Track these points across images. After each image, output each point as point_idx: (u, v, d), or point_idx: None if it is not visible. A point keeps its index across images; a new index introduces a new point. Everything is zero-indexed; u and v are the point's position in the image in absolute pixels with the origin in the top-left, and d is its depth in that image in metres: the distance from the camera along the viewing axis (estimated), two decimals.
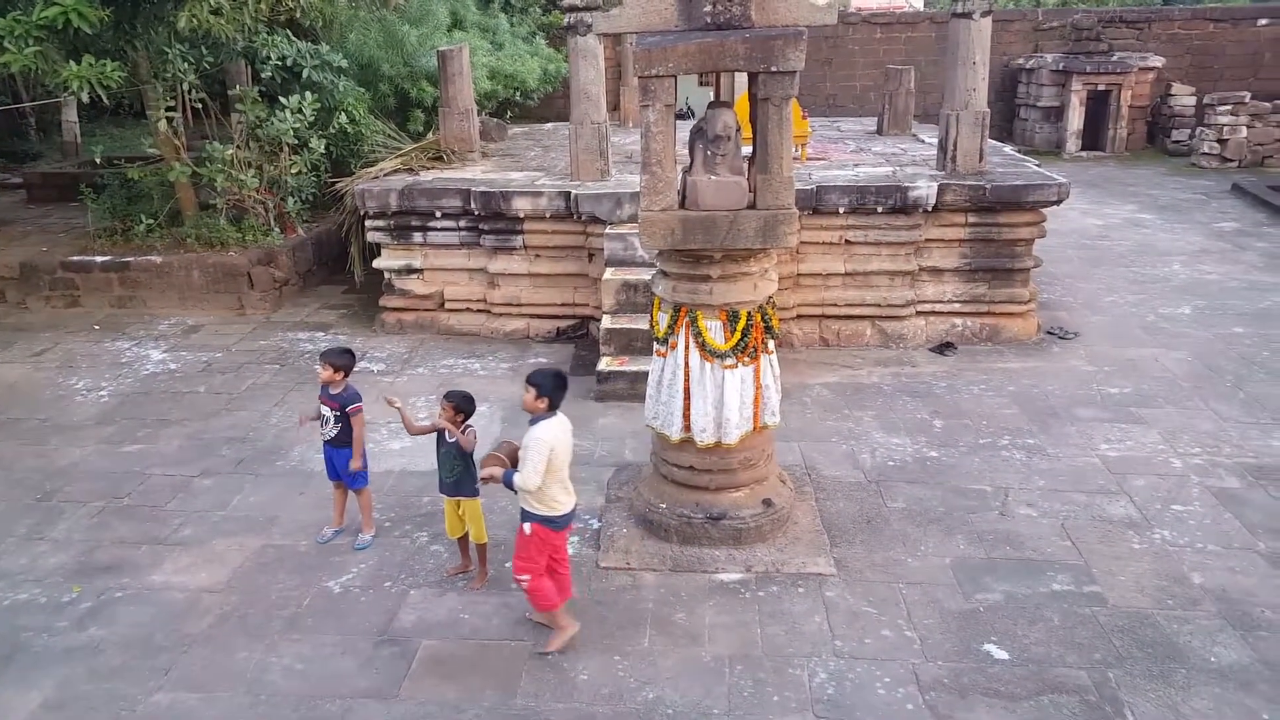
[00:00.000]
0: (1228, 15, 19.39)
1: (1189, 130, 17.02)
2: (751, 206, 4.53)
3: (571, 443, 4.18)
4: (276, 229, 9.62)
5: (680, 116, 12.84)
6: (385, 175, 9.01)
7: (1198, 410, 6.59)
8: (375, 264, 8.84)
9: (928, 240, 7.97)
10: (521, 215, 8.10)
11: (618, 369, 7.09)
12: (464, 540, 4.76)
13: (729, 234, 4.48)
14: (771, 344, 4.90)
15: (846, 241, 7.97)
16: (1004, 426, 6.40)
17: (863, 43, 19.38)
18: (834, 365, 7.67)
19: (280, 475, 5.92)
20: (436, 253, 8.63)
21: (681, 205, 4.54)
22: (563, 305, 8.44)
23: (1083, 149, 17.57)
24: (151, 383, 7.53)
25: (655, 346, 4.90)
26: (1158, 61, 17.59)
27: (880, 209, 7.79)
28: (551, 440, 3.99)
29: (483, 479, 4.26)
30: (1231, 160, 15.95)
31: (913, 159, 9.09)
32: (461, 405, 4.53)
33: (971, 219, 7.89)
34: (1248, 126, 15.99)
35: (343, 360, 4.97)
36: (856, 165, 8.85)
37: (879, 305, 8.05)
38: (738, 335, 4.70)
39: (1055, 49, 18.31)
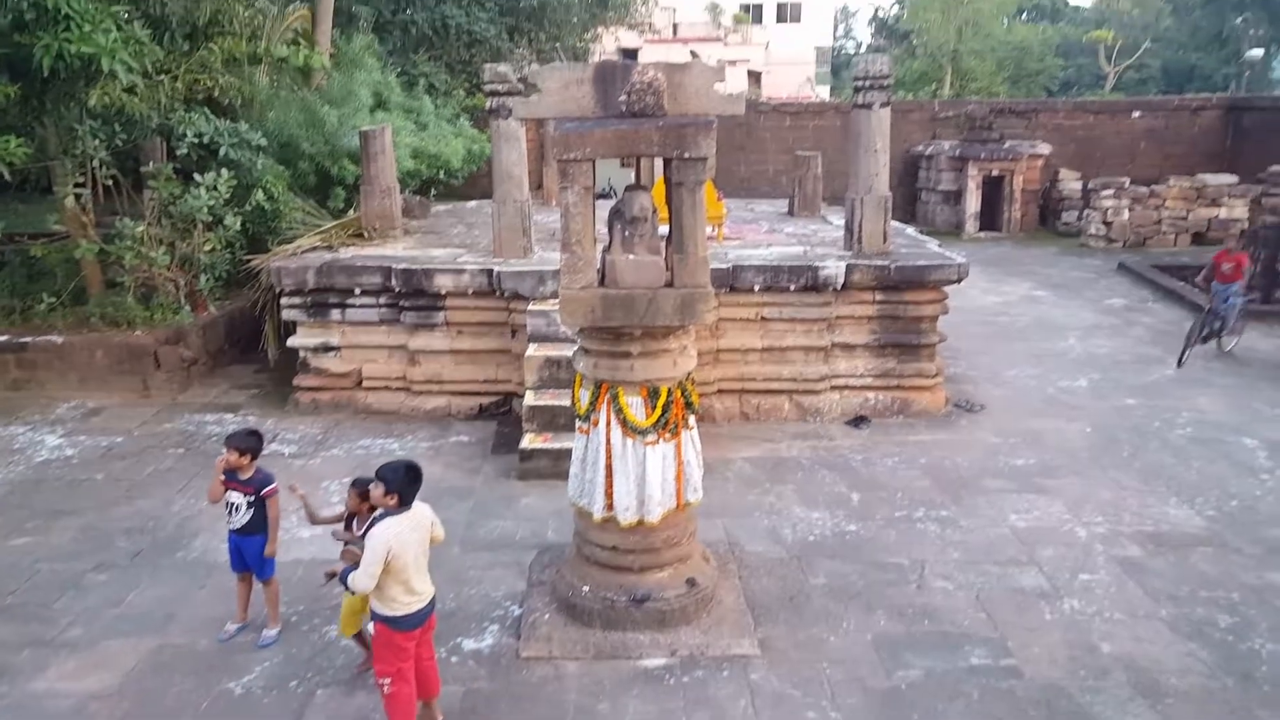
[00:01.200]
0: (1105, 108, 21.07)
1: (1077, 213, 18.21)
2: (669, 285, 4.63)
3: (425, 537, 3.99)
4: (187, 307, 9.35)
5: (602, 195, 13.11)
6: (303, 252, 8.91)
7: (1098, 480, 6.90)
8: (290, 342, 8.66)
9: (839, 317, 8.25)
10: (444, 292, 8.09)
11: (541, 446, 7.05)
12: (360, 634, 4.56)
13: (648, 312, 4.57)
14: (692, 420, 4.97)
15: (763, 318, 8.20)
16: (918, 499, 6.57)
17: (774, 129, 20.28)
18: (754, 439, 7.79)
19: (181, 568, 5.63)
20: (355, 330, 8.52)
21: (601, 284, 4.62)
22: (485, 382, 8.39)
23: (981, 230, 18.59)
24: (45, 470, 7.13)
25: (578, 424, 4.92)
26: (1045, 149, 18.88)
27: (793, 287, 8.06)
28: (390, 539, 3.79)
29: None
30: (1116, 241, 17.10)
31: (822, 239, 9.47)
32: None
33: (879, 297, 8.23)
34: (1129, 209, 17.21)
35: (249, 443, 4.80)
36: (770, 245, 9.16)
37: (795, 380, 8.26)
38: (659, 411, 4.75)
39: (952, 137, 19.50)
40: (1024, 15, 42.68)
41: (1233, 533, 6.04)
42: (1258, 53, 38.54)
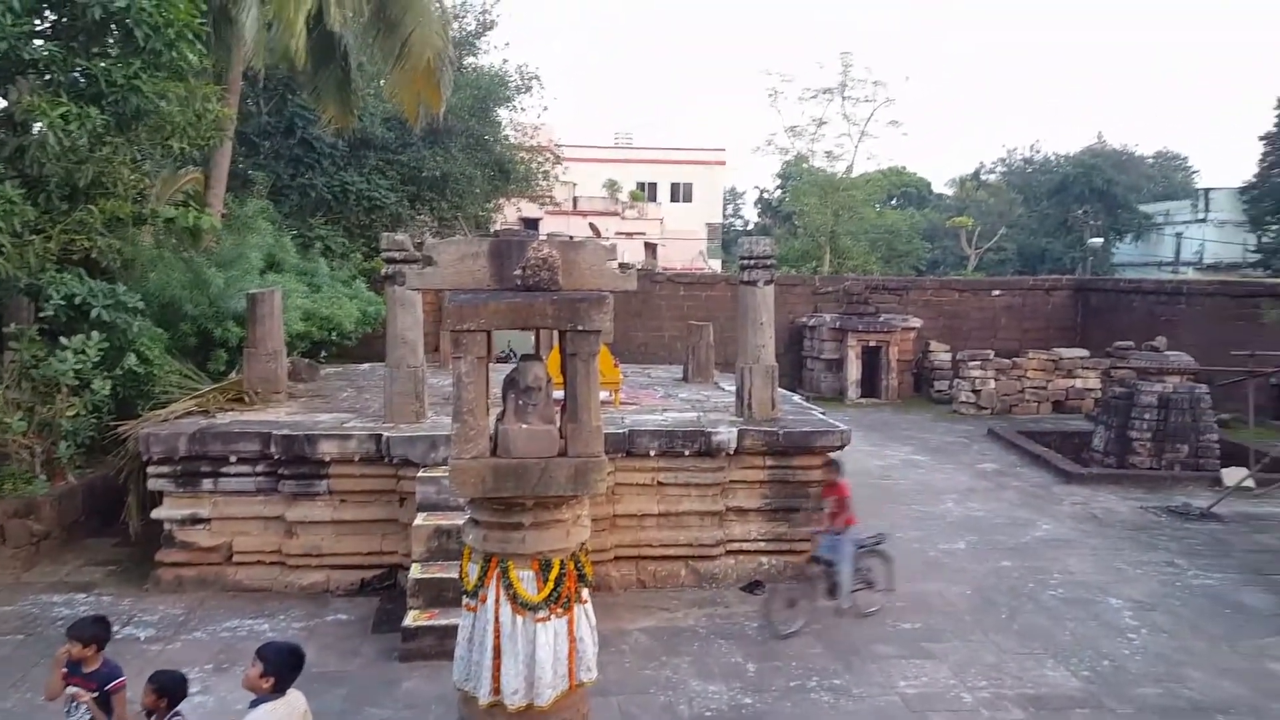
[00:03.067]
0: (968, 286, 22.98)
1: (948, 381, 19.40)
2: (563, 454, 4.62)
3: None
4: (43, 476, 8.68)
5: (503, 359, 13.23)
6: (176, 418, 8.51)
7: (980, 643, 7.00)
8: (155, 514, 8.09)
9: (732, 481, 8.37)
10: (327, 459, 7.81)
11: (426, 623, 6.67)
12: None
13: (541, 481, 4.52)
14: (585, 593, 4.82)
15: (659, 483, 8.23)
16: (811, 667, 6.50)
17: (669, 298, 21.16)
18: (651, 608, 7.61)
19: None
20: (228, 500, 8.06)
21: (494, 453, 4.57)
22: (369, 554, 7.99)
23: (862, 396, 19.51)
24: None
25: (464, 600, 4.70)
26: (917, 322, 20.28)
27: (688, 452, 8.17)
28: None
29: None
30: (985, 408, 18.21)
31: (715, 405, 9.72)
32: (167, 688, 4.02)
33: (769, 462, 8.41)
34: (994, 379, 18.46)
35: (94, 632, 4.35)
36: (665, 410, 9.34)
37: (692, 545, 8.22)
38: (550, 585, 4.60)
39: (833, 309, 20.76)
40: (894, 201, 46.87)
41: (1107, 693, 6.19)
42: (1098, 241, 43.26)
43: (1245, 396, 12.17)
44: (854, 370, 19.62)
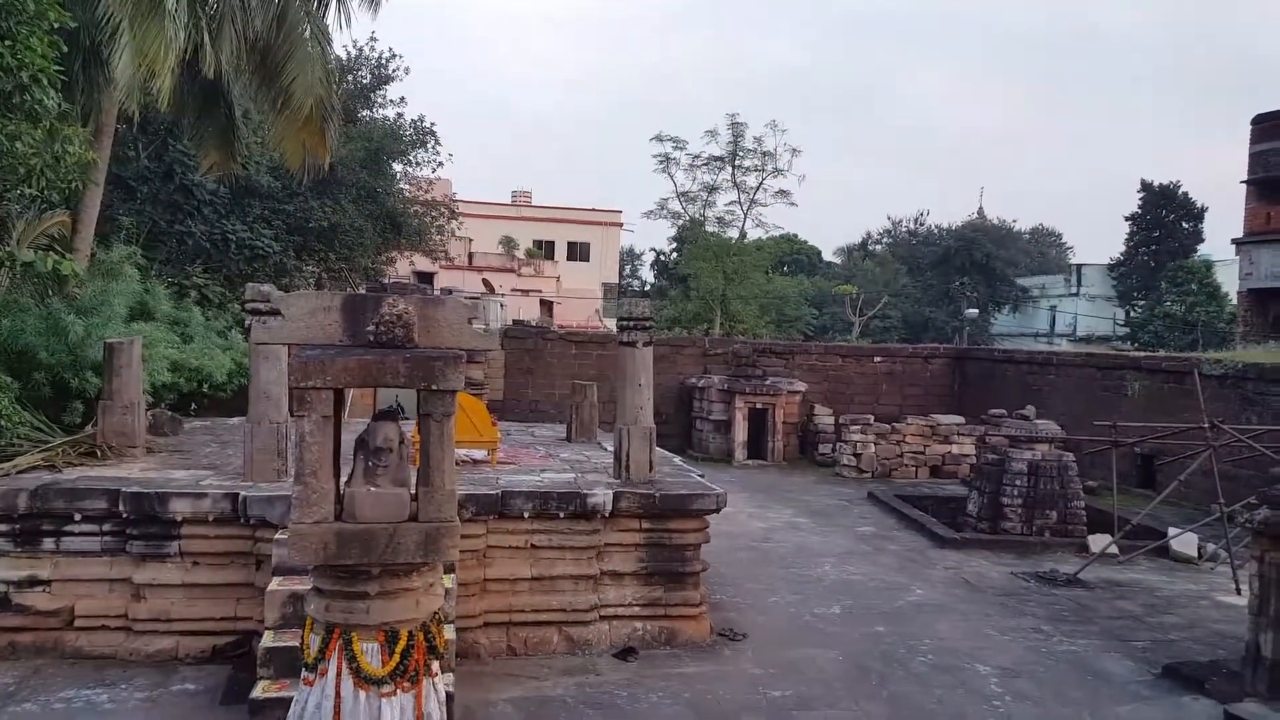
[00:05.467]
0: (852, 352, 23.83)
1: (831, 445, 19.93)
2: (413, 519, 4.50)
3: None
4: None
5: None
6: (19, 473, 7.92)
7: (850, 711, 7.05)
8: None
9: (608, 545, 8.29)
10: (179, 518, 7.37)
11: (276, 695, 6.27)
12: None
13: (388, 548, 4.38)
14: (436, 665, 4.67)
15: (533, 546, 8.08)
16: None
17: (560, 355, 21.16)
18: (520, 677, 7.40)
19: None
20: (71, 561, 7.50)
21: (339, 518, 4.41)
22: (223, 620, 7.53)
23: (749, 457, 19.82)
24: None
25: (303, 674, 4.47)
26: (802, 386, 20.86)
27: (563, 514, 8.07)
28: None
29: None
30: (866, 471, 18.76)
31: (595, 466, 9.68)
32: None
33: (645, 525, 8.39)
34: (875, 444, 19.08)
35: None
36: (543, 471, 9.23)
37: (565, 610, 8.07)
38: (397, 658, 4.44)
39: (722, 371, 21.14)
40: (785, 268, 48.56)
41: None
42: (974, 312, 45.73)
43: (1110, 464, 12.90)
44: (741, 432, 19.95)
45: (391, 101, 21.55)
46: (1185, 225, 43.68)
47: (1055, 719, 7.10)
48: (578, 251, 47.70)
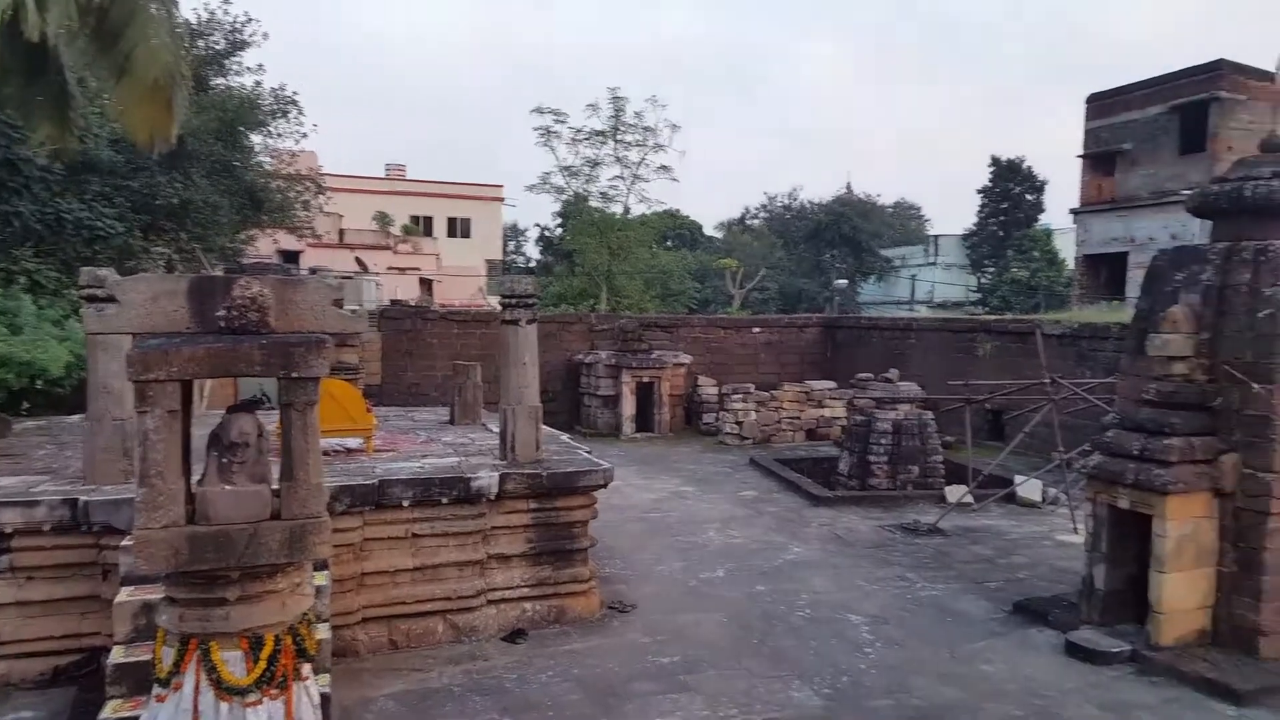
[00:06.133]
0: (733, 324, 24.24)
1: (715, 414, 20.24)
2: (276, 517, 4.19)
3: None
4: None
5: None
6: None
7: (734, 671, 7.16)
8: None
9: (494, 528, 8.09)
10: (9, 530, 6.67)
11: (129, 715, 5.76)
12: None
13: (249, 549, 4.06)
14: (306, 668, 4.39)
15: (414, 535, 7.78)
16: (569, 714, 6.34)
17: (442, 336, 20.57)
18: (403, 670, 7.14)
19: None
20: None
21: (192, 520, 4.05)
22: (65, 638, 6.88)
23: (637, 431, 19.90)
24: None
25: (155, 690, 4.11)
26: (687, 359, 21.06)
27: (445, 500, 7.80)
28: None
29: None
30: (748, 438, 19.16)
31: (480, 449, 9.42)
32: None
33: (533, 505, 8.23)
34: (755, 411, 19.49)
35: None
36: (424, 456, 8.90)
37: (450, 598, 7.83)
38: (263, 665, 4.14)
39: (608, 347, 21.08)
40: (668, 243, 48.84)
41: (844, 708, 6.51)
42: (843, 282, 47.36)
43: (964, 421, 13.60)
44: (629, 406, 19.98)
45: (249, 69, 20.17)
46: (1029, 197, 46.41)
47: (919, 660, 7.45)
48: (458, 227, 46.38)
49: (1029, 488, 13.27)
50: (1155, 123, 27.55)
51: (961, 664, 7.40)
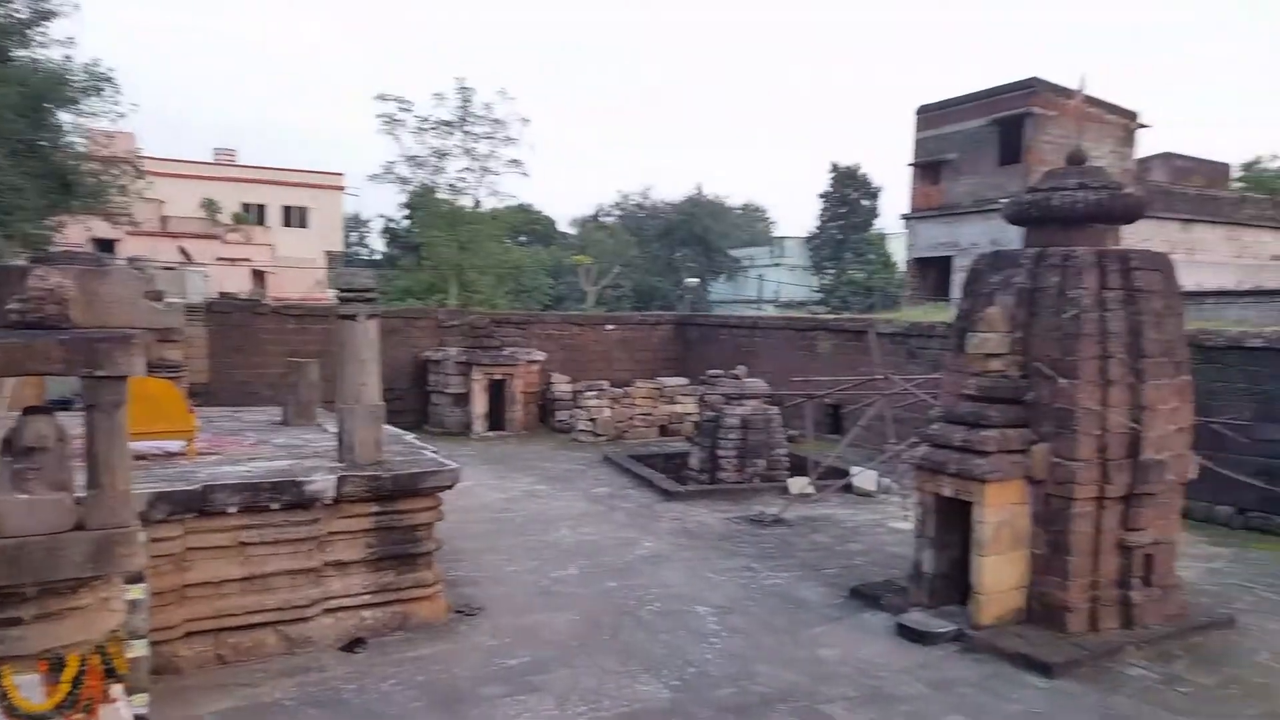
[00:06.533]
0: (586, 321, 24.31)
1: (569, 412, 20.23)
2: (81, 527, 3.83)
3: None
4: None
5: (63, 404, 10.92)
6: None
7: (584, 668, 7.17)
8: None
9: (331, 534, 7.73)
10: None
11: None
12: None
13: (47, 563, 3.70)
14: (117, 689, 4.04)
15: (242, 543, 7.32)
16: None
17: (276, 332, 19.52)
18: (230, 686, 6.71)
19: None
20: None
21: None
22: None
23: (489, 429, 19.60)
24: None
25: None
26: (540, 356, 20.92)
27: (276, 505, 7.38)
28: None
29: None
30: (602, 435, 19.26)
31: (315, 450, 8.98)
32: None
33: (374, 508, 7.92)
34: (609, 408, 19.62)
35: None
36: (252, 460, 8.40)
37: (281, 609, 7.42)
38: (65, 688, 3.78)
39: (458, 343, 20.64)
40: (522, 238, 48.38)
41: (691, 699, 6.65)
42: (694, 281, 48.49)
43: (806, 415, 14.22)
44: (480, 404, 19.65)
45: (57, 41, 18.35)
46: (865, 202, 49.10)
47: (762, 647, 7.73)
48: (294, 217, 43.98)
49: (864, 478, 14.02)
50: (977, 135, 29.71)
51: (802, 649, 7.71)
